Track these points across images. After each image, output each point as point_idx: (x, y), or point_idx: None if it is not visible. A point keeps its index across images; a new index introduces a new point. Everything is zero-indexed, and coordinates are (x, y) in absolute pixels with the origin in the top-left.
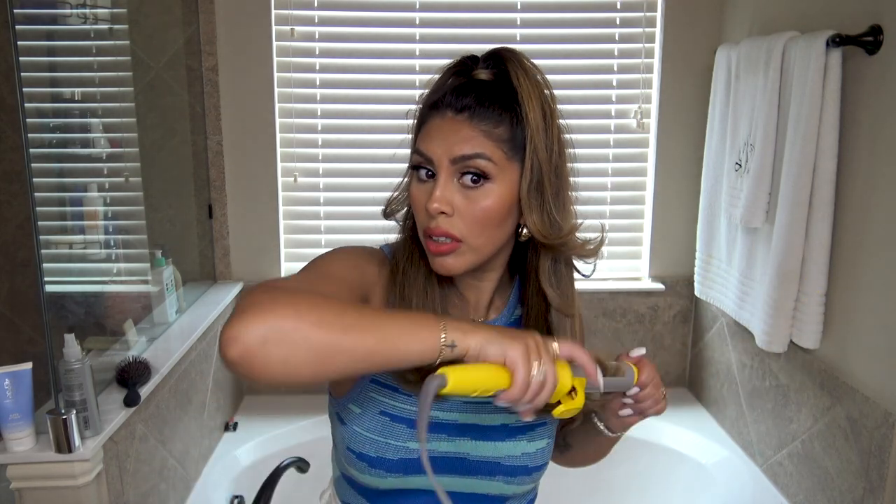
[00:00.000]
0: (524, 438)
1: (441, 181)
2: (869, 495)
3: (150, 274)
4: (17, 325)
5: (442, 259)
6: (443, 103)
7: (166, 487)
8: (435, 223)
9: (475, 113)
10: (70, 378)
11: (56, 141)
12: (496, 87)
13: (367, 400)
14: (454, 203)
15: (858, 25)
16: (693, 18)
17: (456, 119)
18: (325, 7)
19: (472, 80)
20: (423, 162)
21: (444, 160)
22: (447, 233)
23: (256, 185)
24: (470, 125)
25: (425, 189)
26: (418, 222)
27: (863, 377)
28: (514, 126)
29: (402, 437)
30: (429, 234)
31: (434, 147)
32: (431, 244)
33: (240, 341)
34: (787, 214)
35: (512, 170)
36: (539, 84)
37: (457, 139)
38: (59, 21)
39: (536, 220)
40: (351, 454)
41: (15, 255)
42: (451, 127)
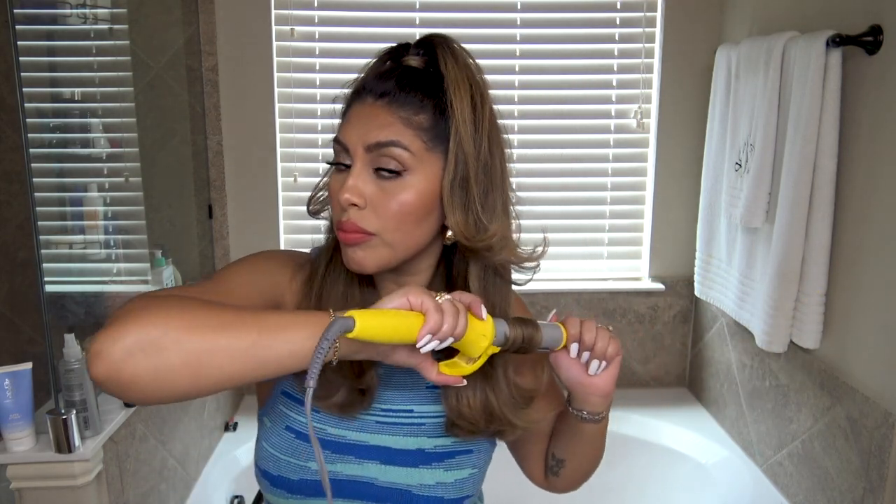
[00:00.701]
0: (441, 466)
1: (354, 170)
2: (869, 495)
3: (151, 274)
4: (17, 325)
5: (353, 251)
6: (364, 89)
7: (166, 487)
8: (346, 216)
9: (395, 98)
10: (70, 378)
11: (56, 141)
12: (423, 73)
13: (277, 413)
14: (367, 194)
15: (858, 25)
16: (693, 18)
17: (375, 105)
18: (325, 7)
19: (399, 65)
20: (339, 151)
21: (358, 148)
22: (357, 226)
23: (256, 185)
24: (388, 111)
25: (340, 180)
26: (333, 216)
27: (863, 377)
28: (436, 114)
29: (306, 456)
30: (339, 227)
31: (350, 134)
32: (341, 234)
33: (104, 356)
34: (787, 214)
35: (433, 162)
36: (469, 69)
37: (373, 125)
38: (59, 21)
39: (459, 220)
40: (257, 469)
41: (15, 255)
42: (369, 112)
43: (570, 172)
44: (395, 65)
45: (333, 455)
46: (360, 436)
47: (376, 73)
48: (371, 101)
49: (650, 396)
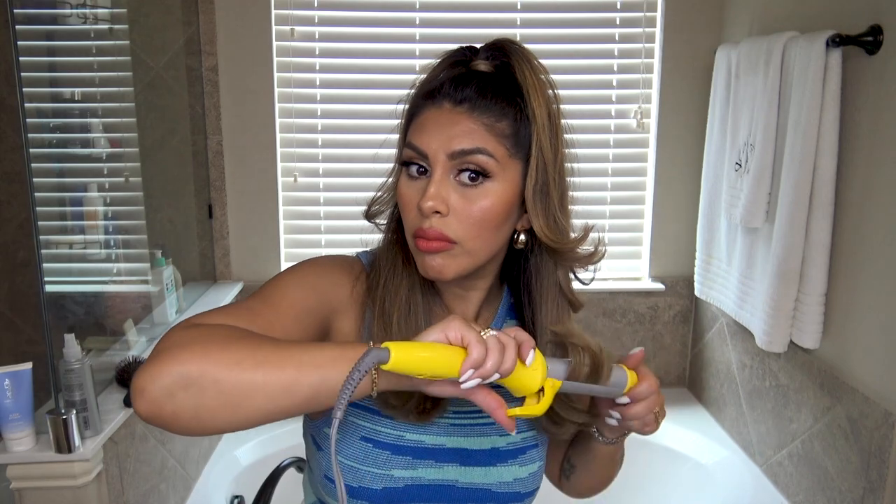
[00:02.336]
0: (515, 463)
1: (436, 178)
2: (869, 495)
3: (151, 274)
4: (17, 325)
5: (432, 258)
6: (440, 93)
7: (166, 487)
8: (428, 223)
9: (476, 105)
10: (70, 378)
11: (56, 141)
12: (499, 79)
13: (346, 425)
14: (450, 202)
15: (858, 25)
16: (693, 18)
17: (455, 111)
18: (325, 7)
19: (471, 70)
20: (415, 157)
21: (440, 155)
22: (441, 234)
23: (256, 185)
24: (470, 117)
25: (417, 186)
26: (407, 223)
27: (863, 377)
28: (517, 121)
29: (386, 464)
30: (420, 234)
31: (429, 140)
32: (421, 242)
33: (146, 394)
34: (787, 214)
35: (514, 169)
36: (544, 83)
37: (455, 132)
38: (59, 21)
39: (543, 225)
40: (329, 483)
41: (15, 255)
42: (449, 119)
43: (569, 172)
44: (466, 70)
45: (414, 461)
46: (436, 439)
47: (450, 79)
48: (450, 106)
49: None
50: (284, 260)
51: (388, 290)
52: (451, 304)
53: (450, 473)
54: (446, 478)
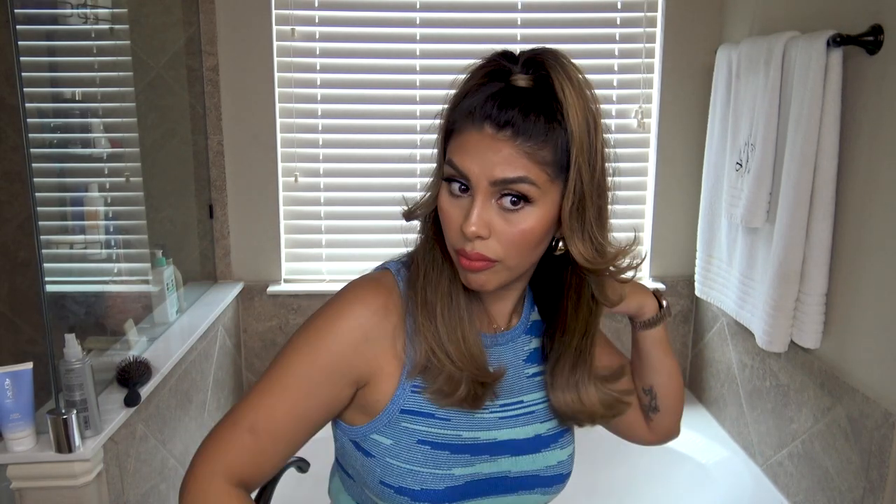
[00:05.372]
0: (557, 446)
1: (479, 202)
2: (869, 495)
3: (151, 274)
4: (17, 325)
5: (475, 276)
6: (480, 114)
7: (166, 487)
8: (471, 246)
9: (519, 131)
10: (70, 378)
11: (56, 141)
12: (538, 97)
13: (399, 430)
14: (492, 225)
15: (859, 25)
16: (693, 18)
17: (497, 137)
18: (325, 7)
19: (510, 87)
20: (456, 176)
21: (482, 181)
22: (482, 256)
23: (257, 185)
24: (513, 145)
25: (459, 205)
26: (449, 238)
27: (863, 377)
28: (558, 145)
29: (447, 464)
30: (462, 254)
31: (472, 165)
32: (464, 260)
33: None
34: (788, 214)
35: (554, 191)
36: (586, 97)
37: (498, 160)
38: (59, 21)
39: (580, 248)
40: (387, 488)
41: (15, 255)
42: (491, 145)
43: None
44: (505, 85)
45: (472, 458)
46: (489, 434)
47: (489, 97)
48: (492, 131)
49: None
50: (284, 260)
51: (429, 281)
52: (489, 303)
53: (504, 465)
54: (501, 469)
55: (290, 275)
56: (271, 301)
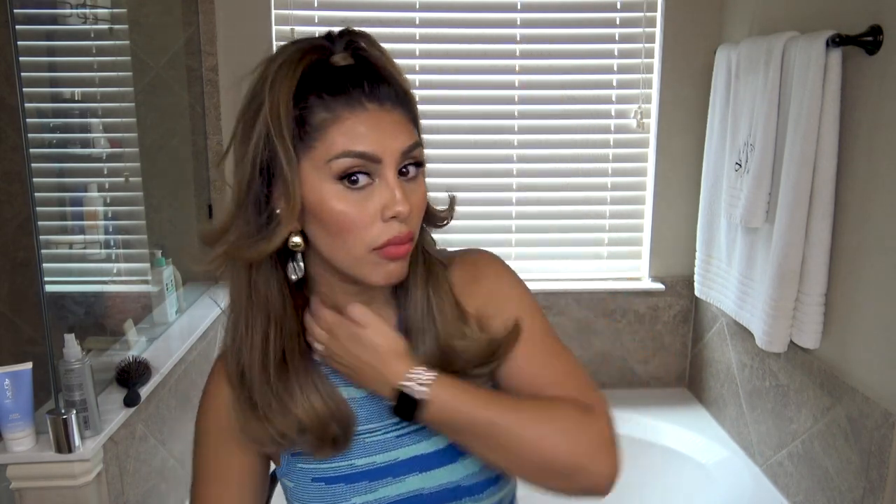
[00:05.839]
0: None
1: (393, 180)
2: (869, 495)
3: (151, 274)
4: (17, 325)
5: (399, 264)
6: (354, 95)
7: (166, 487)
8: (401, 228)
9: (398, 100)
10: (70, 378)
11: (56, 141)
12: (381, 69)
13: (296, 472)
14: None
15: (858, 25)
16: (693, 18)
17: (384, 109)
18: (325, 7)
19: (353, 65)
20: (360, 165)
21: (392, 156)
22: (411, 234)
23: None
24: (400, 113)
25: (357, 199)
26: (363, 239)
27: (863, 377)
28: (414, 105)
29: (345, 496)
30: (393, 242)
31: (377, 144)
32: (392, 249)
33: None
34: (787, 214)
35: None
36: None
37: (398, 131)
38: (59, 21)
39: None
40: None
41: (15, 255)
42: (384, 118)
43: (569, 172)
44: (341, 66)
45: (371, 483)
46: (388, 455)
47: (354, 77)
48: (375, 106)
49: (650, 396)
50: None
51: (253, 346)
52: (385, 312)
53: (412, 483)
54: (410, 489)
55: None
56: None
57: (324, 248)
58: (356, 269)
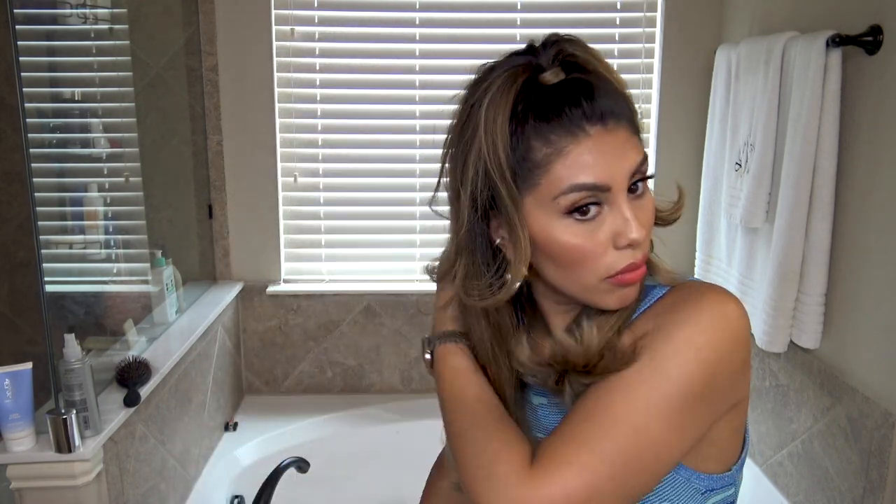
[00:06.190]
0: None
1: (624, 205)
2: (869, 495)
3: (150, 274)
4: (17, 325)
5: (632, 288)
6: (575, 121)
7: (166, 487)
8: (637, 254)
9: (618, 114)
10: (70, 378)
11: (56, 141)
12: (598, 80)
13: None
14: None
15: (858, 25)
16: (693, 18)
17: (608, 130)
18: (325, 7)
19: (562, 83)
20: (589, 197)
21: (621, 181)
22: (646, 257)
23: (256, 185)
24: (623, 129)
25: (588, 230)
26: (596, 270)
27: (863, 377)
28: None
29: None
30: (629, 269)
31: (606, 172)
32: (628, 276)
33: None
34: (787, 214)
35: None
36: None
37: (624, 151)
38: (59, 21)
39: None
40: None
41: (15, 255)
42: (609, 141)
43: None
44: (549, 84)
45: None
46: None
47: (566, 99)
48: (598, 129)
49: None
50: (284, 260)
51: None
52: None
53: None
54: None
55: (289, 275)
56: (271, 301)
57: (552, 279)
58: (586, 295)
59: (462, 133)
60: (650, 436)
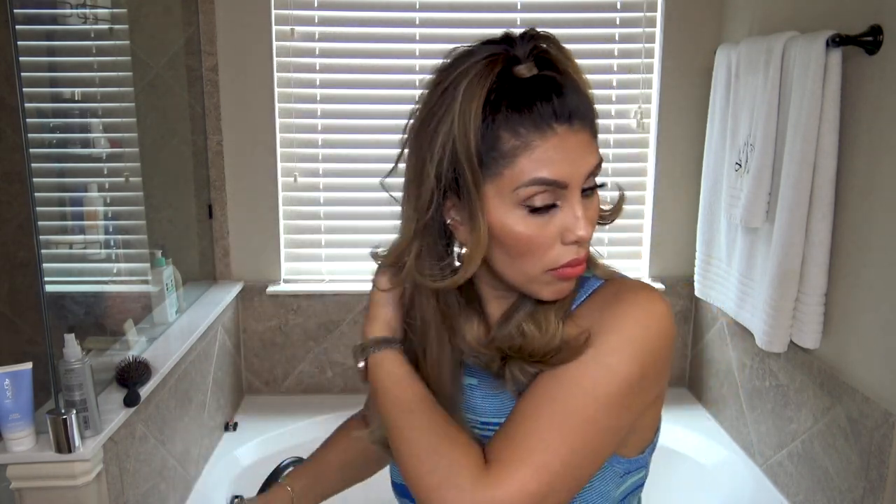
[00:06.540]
0: None
1: (577, 203)
2: (869, 495)
3: (150, 274)
4: (17, 325)
5: (570, 283)
6: (545, 118)
7: (166, 487)
8: (581, 251)
9: (583, 115)
10: (70, 378)
11: (56, 141)
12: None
13: None
14: None
15: (858, 25)
16: (693, 18)
17: (572, 130)
18: (325, 7)
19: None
20: (548, 191)
21: (577, 180)
22: (587, 256)
23: (256, 185)
24: (584, 131)
25: (541, 223)
26: (542, 261)
27: (863, 377)
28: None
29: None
30: (571, 264)
31: (564, 170)
32: (568, 270)
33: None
34: (787, 214)
35: None
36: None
37: (585, 152)
38: (59, 21)
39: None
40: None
41: (15, 255)
42: (571, 140)
43: None
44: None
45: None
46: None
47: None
48: (564, 128)
49: None
50: (284, 260)
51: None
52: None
53: None
54: None
55: (289, 275)
56: (271, 301)
57: (498, 265)
58: (527, 285)
59: (433, 113)
60: (599, 426)
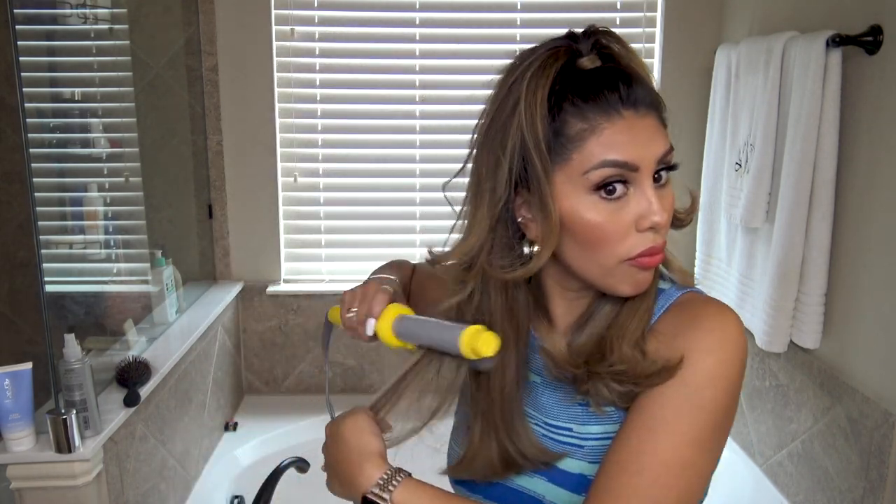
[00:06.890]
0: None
1: (649, 189)
2: (869, 495)
3: (150, 274)
4: (17, 325)
5: (648, 273)
6: (611, 103)
7: (166, 487)
8: (658, 238)
9: (651, 103)
10: (70, 378)
11: (56, 141)
12: (632, 70)
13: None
14: None
15: (858, 25)
16: (693, 18)
17: (639, 115)
18: (325, 7)
19: (602, 68)
20: (618, 174)
21: (649, 165)
22: (665, 244)
23: (256, 185)
24: (654, 117)
25: (612, 209)
26: (617, 251)
27: (863, 377)
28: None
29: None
30: (649, 253)
31: (636, 152)
32: (646, 260)
33: None
34: (787, 214)
35: None
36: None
37: (655, 136)
38: (59, 21)
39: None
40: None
41: (15, 255)
42: (640, 125)
43: None
44: (591, 68)
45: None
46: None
47: (606, 83)
48: (631, 112)
49: None
50: (284, 260)
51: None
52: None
53: (537, 486)
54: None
55: (289, 275)
56: (271, 301)
57: (571, 259)
58: (604, 279)
59: (502, 108)
60: (696, 469)
